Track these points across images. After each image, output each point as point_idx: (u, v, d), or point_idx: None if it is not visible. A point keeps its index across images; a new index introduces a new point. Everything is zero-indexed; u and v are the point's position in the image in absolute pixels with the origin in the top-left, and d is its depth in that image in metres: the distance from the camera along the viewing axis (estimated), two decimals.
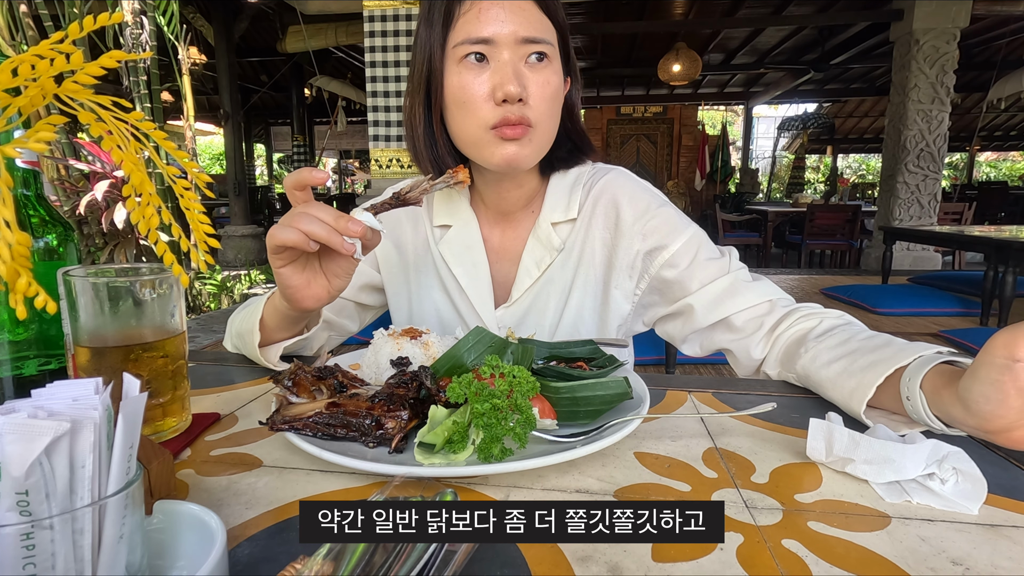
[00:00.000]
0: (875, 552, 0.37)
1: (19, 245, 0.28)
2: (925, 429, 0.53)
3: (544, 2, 0.70)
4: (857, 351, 0.61)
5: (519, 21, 0.68)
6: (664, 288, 0.81)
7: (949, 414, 0.50)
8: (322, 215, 0.56)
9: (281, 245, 0.57)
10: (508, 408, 0.46)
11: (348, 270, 0.63)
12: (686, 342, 0.82)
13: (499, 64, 0.68)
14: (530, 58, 0.69)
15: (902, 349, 0.58)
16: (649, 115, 9.86)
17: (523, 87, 0.68)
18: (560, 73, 0.73)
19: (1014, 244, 3.47)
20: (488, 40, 0.67)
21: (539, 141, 0.73)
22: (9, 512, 0.24)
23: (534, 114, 0.70)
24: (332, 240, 0.55)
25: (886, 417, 0.57)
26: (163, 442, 0.51)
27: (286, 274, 0.60)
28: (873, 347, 0.60)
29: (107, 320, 0.49)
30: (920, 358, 0.55)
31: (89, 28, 0.33)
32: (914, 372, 0.53)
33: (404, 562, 0.30)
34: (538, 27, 0.69)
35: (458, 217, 0.85)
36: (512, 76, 0.67)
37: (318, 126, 12.69)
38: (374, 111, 3.87)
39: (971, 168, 13.93)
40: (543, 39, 0.69)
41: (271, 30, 7.50)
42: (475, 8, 0.68)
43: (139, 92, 3.56)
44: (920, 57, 5.80)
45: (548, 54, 0.70)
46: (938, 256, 6.38)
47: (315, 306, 0.64)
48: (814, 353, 0.66)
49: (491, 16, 0.67)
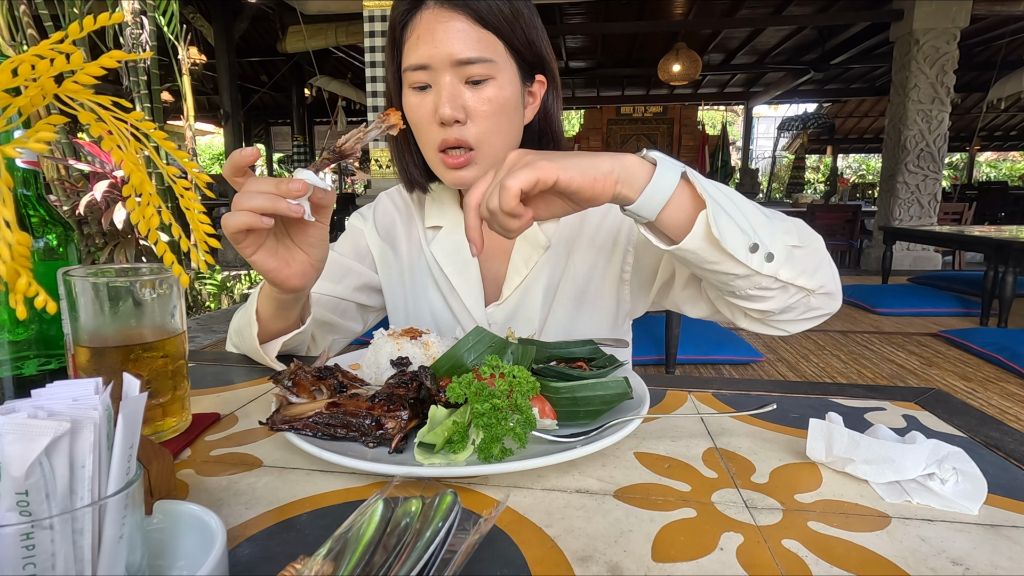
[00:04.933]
0: (875, 552, 0.37)
1: (19, 245, 0.28)
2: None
3: (482, 17, 0.69)
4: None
5: (454, 43, 0.68)
6: (644, 252, 0.81)
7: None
8: (261, 187, 0.56)
9: (235, 231, 0.56)
10: (508, 408, 0.46)
11: (321, 237, 0.64)
12: (688, 301, 0.79)
13: (438, 87, 0.70)
14: (469, 80, 0.70)
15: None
16: (649, 115, 9.85)
17: (461, 108, 0.70)
18: (510, 84, 0.72)
19: (1014, 244, 3.47)
20: (425, 66, 0.69)
21: (485, 160, 0.74)
22: (9, 512, 0.24)
23: (475, 133, 0.71)
24: (278, 207, 0.55)
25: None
26: (163, 442, 0.51)
27: (259, 260, 0.60)
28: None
29: (107, 320, 0.49)
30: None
31: (89, 28, 0.33)
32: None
33: (404, 562, 0.30)
34: (475, 46, 0.69)
35: (448, 218, 0.87)
36: (447, 99, 0.69)
37: (318, 126, 12.69)
38: (374, 111, 3.87)
39: (971, 168, 13.92)
40: (481, 58, 0.69)
41: (271, 30, 7.50)
42: (415, 35, 0.70)
43: (139, 92, 3.56)
44: (920, 57, 5.80)
45: (490, 72, 0.70)
46: (938, 256, 6.39)
47: (303, 283, 0.64)
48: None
49: (426, 41, 0.69)
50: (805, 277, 0.61)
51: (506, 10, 0.70)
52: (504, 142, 0.74)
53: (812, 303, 0.65)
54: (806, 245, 0.63)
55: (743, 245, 0.56)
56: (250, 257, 0.60)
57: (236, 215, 0.55)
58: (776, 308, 0.64)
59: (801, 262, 0.61)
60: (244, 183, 0.57)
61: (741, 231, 0.56)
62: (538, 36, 0.74)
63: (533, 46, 0.74)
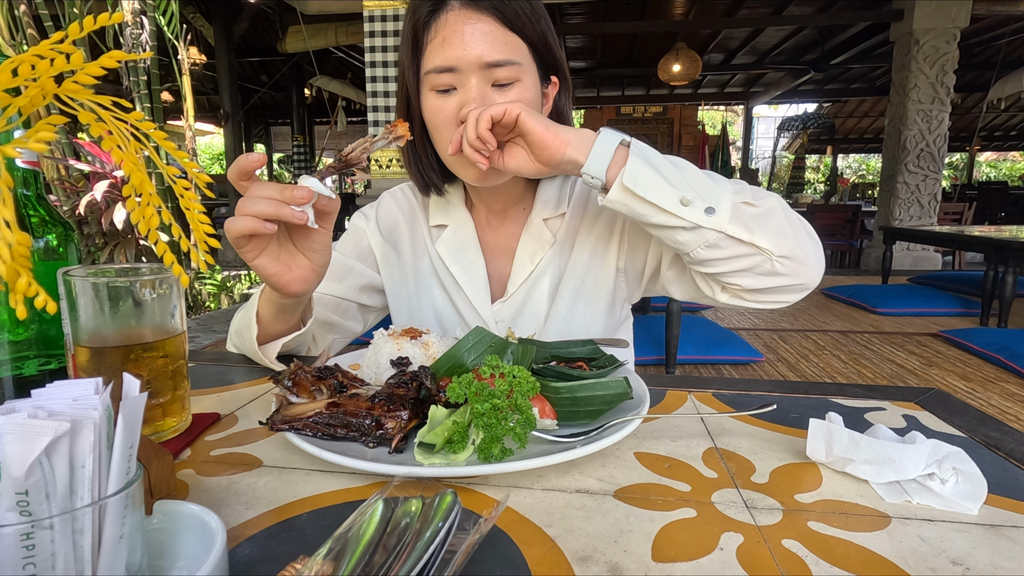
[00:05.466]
0: (875, 552, 0.37)
1: (19, 245, 0.28)
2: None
3: (508, 19, 0.69)
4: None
5: (482, 46, 0.68)
6: (635, 239, 0.81)
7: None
8: (266, 192, 0.55)
9: (238, 236, 0.56)
10: (508, 408, 0.46)
11: (324, 243, 0.63)
12: (673, 282, 0.79)
13: (464, 90, 0.70)
14: (496, 83, 0.70)
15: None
16: (649, 115, 9.84)
17: None
18: (533, 87, 0.72)
19: (1014, 244, 3.47)
20: (453, 68, 0.69)
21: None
22: (9, 512, 0.24)
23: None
24: (281, 213, 0.55)
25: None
26: (163, 442, 0.51)
27: (261, 264, 0.60)
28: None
29: (107, 320, 0.49)
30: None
31: (89, 28, 0.33)
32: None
33: (404, 562, 0.30)
34: (503, 48, 0.68)
35: (453, 217, 0.87)
36: (476, 100, 0.69)
37: (318, 126, 12.69)
38: (374, 111, 3.86)
39: (971, 168, 13.92)
40: (509, 60, 0.69)
41: (271, 30, 7.50)
42: (439, 36, 0.69)
43: (139, 92, 3.56)
44: (920, 57, 5.80)
45: (516, 75, 0.70)
46: (938, 256, 6.39)
47: (305, 288, 0.64)
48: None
49: (454, 43, 0.68)
50: (761, 237, 0.63)
51: (528, 11, 0.70)
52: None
53: (776, 268, 0.65)
54: (759, 203, 0.65)
55: (671, 198, 0.61)
56: (252, 261, 0.59)
57: (239, 220, 0.55)
58: (736, 269, 0.65)
59: (753, 220, 0.63)
60: (249, 187, 0.57)
61: (670, 185, 0.62)
62: (553, 38, 0.74)
63: (550, 47, 0.74)
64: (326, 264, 0.65)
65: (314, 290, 0.68)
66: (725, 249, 0.63)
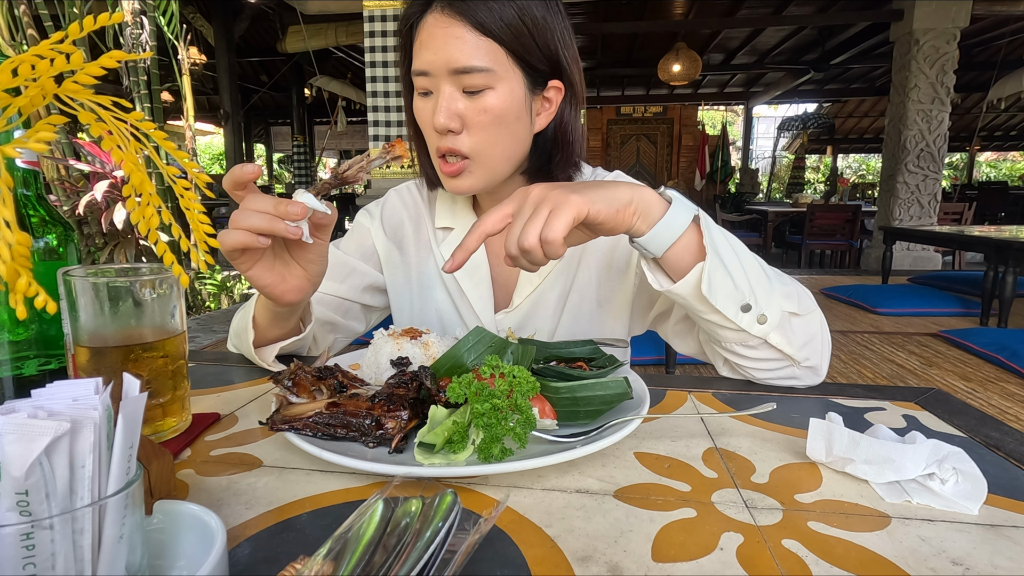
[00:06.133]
0: (875, 552, 0.37)
1: (19, 245, 0.28)
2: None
3: (483, 25, 0.66)
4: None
5: (451, 51, 0.67)
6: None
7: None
8: (261, 206, 0.55)
9: (231, 250, 0.56)
10: (508, 408, 0.46)
11: (320, 254, 0.63)
12: (678, 336, 0.79)
13: (437, 94, 0.70)
14: (467, 89, 0.69)
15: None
16: (649, 115, 9.84)
17: (456, 117, 0.69)
18: (511, 94, 0.69)
19: (1014, 244, 3.47)
20: (425, 72, 0.69)
21: (482, 169, 0.73)
22: (9, 512, 0.24)
23: (470, 143, 0.71)
24: (275, 228, 0.54)
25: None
26: (163, 442, 0.51)
27: (256, 275, 0.60)
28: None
29: (107, 320, 0.49)
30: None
31: (89, 28, 0.33)
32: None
33: (404, 562, 0.30)
34: (472, 54, 0.66)
35: (460, 220, 0.86)
36: (441, 108, 0.68)
37: (318, 126, 12.69)
38: (374, 111, 3.86)
39: (971, 168, 13.92)
40: (478, 67, 0.67)
41: (271, 30, 7.50)
42: (419, 40, 0.70)
43: (139, 92, 3.56)
44: (920, 57, 5.80)
45: (488, 82, 0.68)
46: (938, 256, 6.39)
47: (300, 298, 0.64)
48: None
49: (429, 47, 0.68)
50: (794, 347, 0.63)
51: (511, 17, 0.67)
52: (503, 152, 0.73)
53: (795, 372, 0.66)
54: (804, 315, 0.64)
55: (734, 303, 0.59)
56: (246, 273, 0.59)
57: (232, 234, 0.54)
58: (758, 367, 0.66)
59: (794, 331, 0.63)
60: (244, 197, 0.56)
61: (736, 288, 0.58)
62: (556, 41, 0.71)
63: (547, 51, 0.71)
64: (322, 274, 0.65)
65: (309, 298, 0.68)
66: (759, 351, 0.64)
